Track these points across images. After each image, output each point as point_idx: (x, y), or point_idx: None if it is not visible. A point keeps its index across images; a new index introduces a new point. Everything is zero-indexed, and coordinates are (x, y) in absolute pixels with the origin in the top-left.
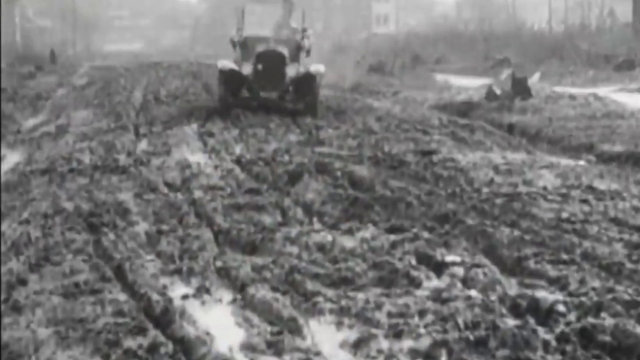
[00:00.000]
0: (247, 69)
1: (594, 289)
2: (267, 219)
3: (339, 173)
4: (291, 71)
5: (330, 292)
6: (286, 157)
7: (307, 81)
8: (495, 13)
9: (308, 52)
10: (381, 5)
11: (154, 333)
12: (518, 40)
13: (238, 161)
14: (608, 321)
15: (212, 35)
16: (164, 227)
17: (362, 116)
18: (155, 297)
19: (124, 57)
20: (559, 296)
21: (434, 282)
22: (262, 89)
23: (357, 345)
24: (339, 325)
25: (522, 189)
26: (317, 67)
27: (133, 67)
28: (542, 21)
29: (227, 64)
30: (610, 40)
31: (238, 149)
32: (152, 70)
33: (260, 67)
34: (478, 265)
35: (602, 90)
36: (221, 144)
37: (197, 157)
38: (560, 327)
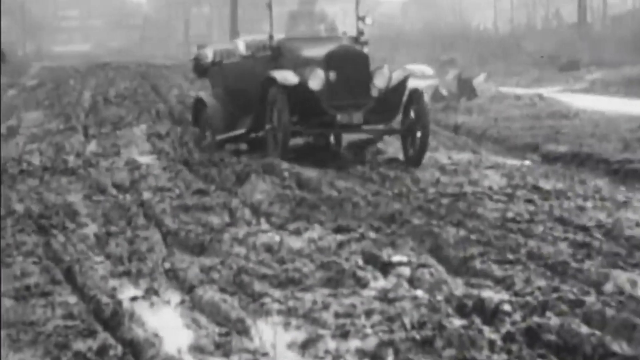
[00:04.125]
0: (314, 83)
1: (539, 288)
2: (215, 220)
3: (286, 173)
4: (380, 79)
5: (277, 293)
6: (234, 158)
7: (400, 94)
8: (441, 13)
9: None
10: (329, 7)
11: (103, 335)
12: (464, 40)
13: (186, 162)
14: (553, 320)
15: (160, 36)
16: (113, 229)
17: None
18: (104, 299)
19: (73, 58)
20: (504, 296)
21: (380, 282)
22: (339, 109)
23: (304, 346)
24: (286, 325)
25: (468, 188)
26: (418, 68)
27: (83, 68)
28: (488, 22)
29: (289, 75)
30: (555, 41)
31: (185, 150)
32: (101, 71)
33: (333, 75)
34: (424, 265)
35: (547, 91)
36: (170, 145)
37: (145, 159)
38: (505, 327)
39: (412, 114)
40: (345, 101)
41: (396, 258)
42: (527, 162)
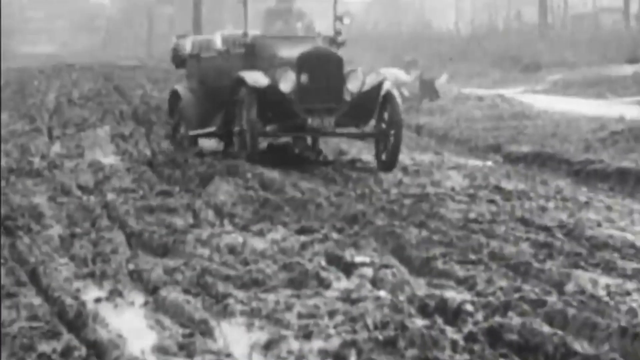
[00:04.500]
0: (285, 86)
1: (501, 288)
2: (178, 221)
3: (249, 175)
4: (354, 83)
5: (241, 294)
6: (198, 160)
7: (378, 99)
8: (404, 14)
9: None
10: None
11: (67, 337)
12: (426, 41)
13: (150, 163)
14: (515, 320)
15: (123, 37)
16: (77, 230)
17: None
18: (68, 301)
19: (38, 59)
20: (466, 296)
21: (343, 283)
22: (310, 113)
23: (267, 347)
24: (249, 326)
25: (431, 189)
26: (393, 73)
27: (47, 69)
28: (450, 23)
29: (259, 76)
30: (516, 42)
31: (149, 151)
32: (65, 73)
33: (305, 78)
34: (387, 266)
35: (509, 92)
36: (133, 146)
37: (109, 160)
38: (468, 327)
39: (385, 117)
40: (317, 105)
41: (359, 259)
42: (489, 163)
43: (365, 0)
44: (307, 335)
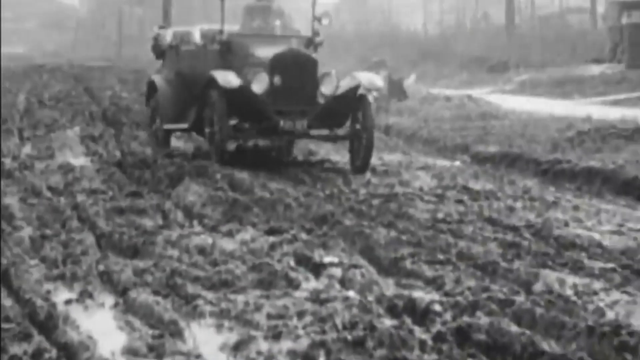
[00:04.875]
0: (258, 87)
1: (469, 288)
2: (148, 222)
3: (218, 175)
4: (328, 86)
5: (210, 295)
6: (167, 160)
7: (352, 102)
8: (372, 15)
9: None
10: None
11: (38, 339)
12: (394, 42)
13: (120, 164)
14: (483, 320)
15: (93, 38)
16: (48, 232)
17: None
18: (39, 302)
19: (9, 60)
20: (435, 296)
21: (312, 283)
22: (282, 115)
23: (236, 348)
24: (219, 327)
25: (399, 189)
26: (368, 78)
27: (17, 70)
28: (418, 24)
29: (231, 77)
30: (484, 43)
31: (119, 153)
32: (35, 74)
33: (278, 79)
34: (356, 266)
35: (477, 92)
36: (103, 147)
37: (79, 161)
38: (436, 327)
39: (358, 121)
40: (289, 107)
41: (328, 259)
42: (457, 163)
43: (333, 1)
44: (276, 336)
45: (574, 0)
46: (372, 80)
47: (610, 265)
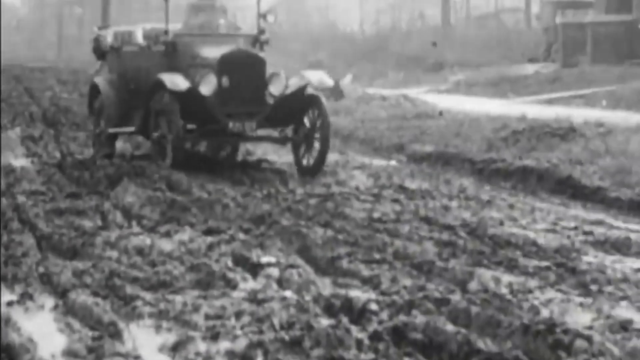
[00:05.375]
0: (206, 89)
1: (405, 287)
2: (87, 224)
3: (156, 176)
4: (277, 86)
5: (149, 296)
6: (106, 161)
7: (301, 102)
8: (309, 14)
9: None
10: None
11: None
12: (331, 41)
13: (60, 165)
14: (419, 319)
15: (34, 38)
16: None
17: None
18: None
19: None
20: (371, 295)
21: (250, 284)
22: (231, 117)
23: (175, 348)
24: (157, 328)
25: (336, 189)
26: (318, 77)
27: None
28: (354, 23)
29: (179, 79)
30: (420, 43)
31: (58, 154)
32: None
33: (226, 81)
34: (293, 266)
35: (413, 92)
36: (43, 148)
37: (20, 162)
38: (373, 326)
39: (307, 122)
40: (238, 109)
41: (265, 259)
42: (393, 162)
43: (271, 1)
44: (214, 337)
45: (508, 1)
46: (321, 79)
47: (544, 263)
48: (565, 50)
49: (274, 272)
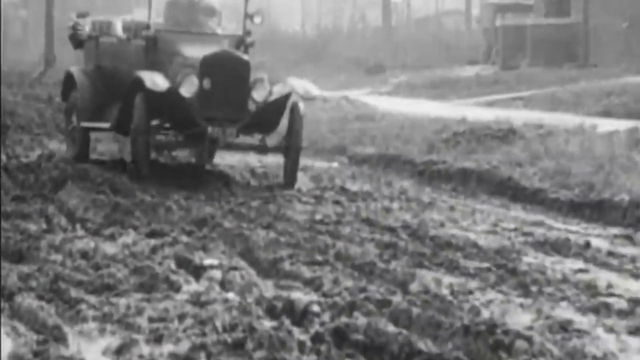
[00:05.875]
0: (187, 91)
1: (347, 289)
2: (32, 227)
3: (100, 179)
4: (260, 92)
5: (93, 299)
6: (50, 164)
7: (279, 111)
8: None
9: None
10: (140, 11)
11: None
12: (273, 43)
13: (6, 168)
14: (361, 320)
15: None
16: None
17: None
18: None
19: None
20: (313, 297)
21: (193, 286)
22: (211, 122)
23: (119, 352)
24: (101, 331)
25: (278, 191)
26: (302, 86)
27: None
28: (296, 24)
29: (158, 79)
30: (361, 45)
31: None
32: None
33: (208, 83)
34: (235, 268)
35: (354, 93)
36: None
37: None
38: (314, 327)
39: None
40: (219, 113)
41: (208, 261)
42: (335, 164)
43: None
44: (158, 339)
45: (449, 3)
46: (306, 88)
47: (485, 264)
48: (505, 52)
49: (217, 274)
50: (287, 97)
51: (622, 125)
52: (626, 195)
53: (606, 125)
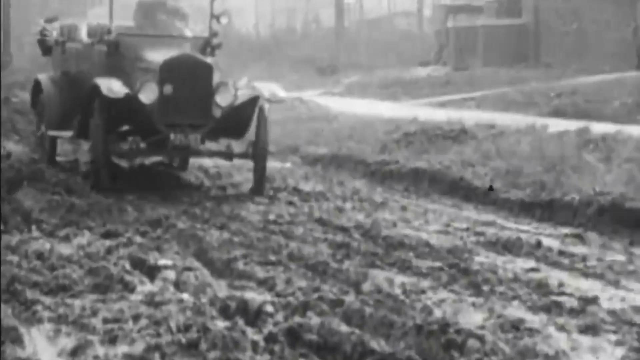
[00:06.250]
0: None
1: (300, 288)
2: None
3: (54, 180)
4: (224, 96)
5: (48, 300)
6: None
7: (247, 116)
8: None
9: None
10: (94, 12)
11: None
12: (226, 43)
13: None
14: (314, 320)
15: None
16: None
17: None
18: None
19: None
20: (267, 297)
21: (147, 287)
22: (173, 129)
23: (74, 353)
24: (57, 332)
25: (231, 191)
26: (269, 89)
27: None
28: (249, 24)
29: (116, 85)
30: (315, 45)
31: None
32: None
33: (169, 89)
34: (189, 269)
35: (307, 94)
36: None
37: None
38: (268, 328)
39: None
40: (181, 119)
41: (162, 262)
42: (288, 165)
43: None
44: (113, 340)
45: (401, 4)
46: (273, 91)
47: (437, 264)
48: (456, 53)
49: (171, 275)
50: (254, 100)
51: (572, 125)
52: (576, 194)
53: (557, 125)
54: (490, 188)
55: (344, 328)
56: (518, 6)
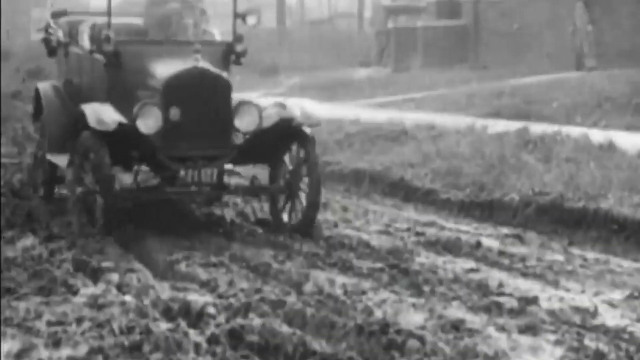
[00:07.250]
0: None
1: (242, 290)
2: None
3: (1, 182)
4: (246, 119)
5: None
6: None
7: (282, 139)
8: None
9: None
10: (39, 10)
11: None
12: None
13: None
14: (256, 321)
15: None
16: None
17: None
18: None
19: None
20: (209, 298)
21: (90, 289)
22: (183, 163)
23: (19, 356)
24: (2, 336)
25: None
26: (301, 107)
27: None
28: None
29: (106, 113)
30: (256, 46)
31: None
32: None
33: (176, 113)
34: (132, 270)
35: (249, 96)
36: None
37: None
38: (210, 329)
39: (288, 163)
40: (193, 151)
41: (105, 264)
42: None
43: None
44: (56, 343)
45: (342, 5)
46: (305, 110)
47: (378, 265)
48: (397, 54)
49: (114, 277)
50: (288, 123)
51: (512, 125)
52: (516, 195)
53: (496, 126)
54: None
55: (285, 329)
56: (458, 7)
